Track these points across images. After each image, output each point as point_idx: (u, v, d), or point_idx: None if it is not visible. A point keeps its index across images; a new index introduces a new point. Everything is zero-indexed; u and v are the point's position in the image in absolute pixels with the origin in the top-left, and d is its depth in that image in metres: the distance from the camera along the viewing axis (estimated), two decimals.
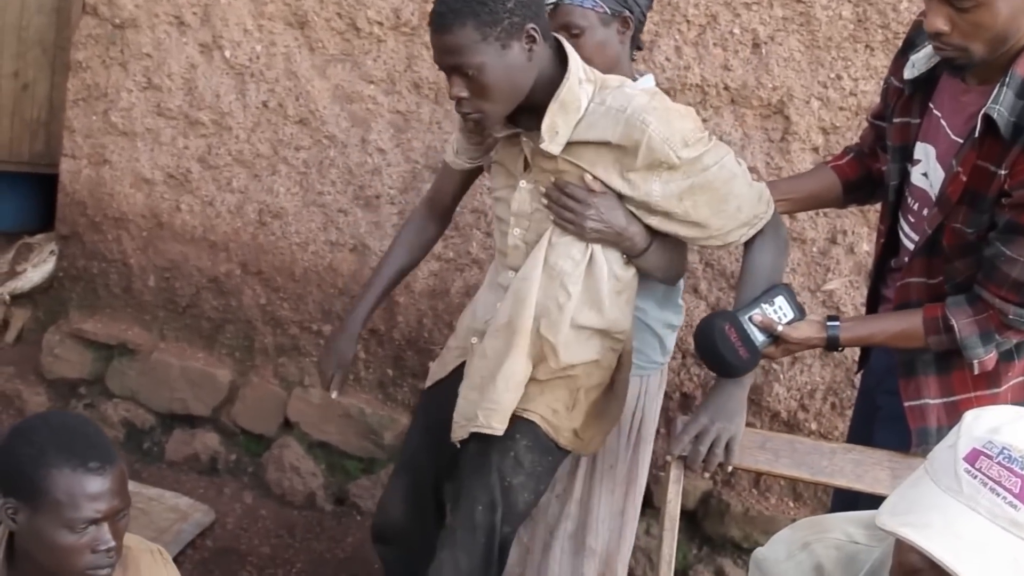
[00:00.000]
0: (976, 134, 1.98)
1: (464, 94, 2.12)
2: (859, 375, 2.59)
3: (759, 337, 2.18)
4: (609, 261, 2.27)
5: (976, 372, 2.13)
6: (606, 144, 2.17)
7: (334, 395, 2.54)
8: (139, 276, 3.77)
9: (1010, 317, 2.04)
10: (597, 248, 2.26)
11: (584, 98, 2.18)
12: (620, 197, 2.22)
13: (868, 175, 2.44)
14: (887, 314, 2.25)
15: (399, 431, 3.46)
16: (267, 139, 3.52)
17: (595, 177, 2.20)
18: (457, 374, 2.46)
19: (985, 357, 2.11)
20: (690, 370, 3.24)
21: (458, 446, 2.42)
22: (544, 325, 2.29)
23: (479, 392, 2.34)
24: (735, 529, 3.31)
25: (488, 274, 2.54)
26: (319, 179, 3.48)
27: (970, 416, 1.43)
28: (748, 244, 2.27)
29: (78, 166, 3.78)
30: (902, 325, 2.16)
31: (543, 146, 2.17)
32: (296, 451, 3.56)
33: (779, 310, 2.20)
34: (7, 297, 3.99)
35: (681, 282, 2.71)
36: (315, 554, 3.37)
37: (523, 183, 2.29)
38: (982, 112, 1.96)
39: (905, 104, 2.20)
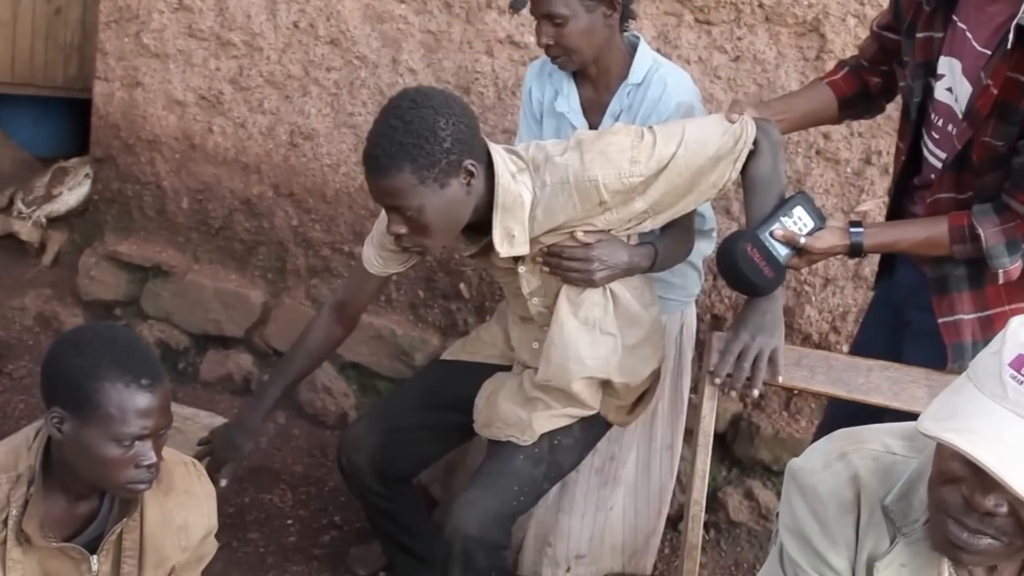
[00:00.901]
0: (1008, 45, 1.93)
1: (403, 231, 2.11)
2: (876, 289, 2.57)
3: (782, 252, 2.15)
4: (625, 283, 2.33)
5: (1001, 281, 2.12)
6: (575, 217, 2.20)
7: (223, 484, 2.42)
8: (172, 198, 3.79)
9: None
10: (613, 283, 2.30)
11: (525, 191, 2.16)
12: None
13: (864, 90, 2.40)
14: (911, 221, 2.23)
15: (430, 352, 3.48)
16: (298, 60, 3.50)
17: (585, 231, 2.21)
18: (485, 367, 2.54)
19: (1011, 267, 2.09)
20: (721, 292, 3.22)
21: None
22: (603, 371, 2.36)
23: (524, 411, 2.42)
24: (764, 451, 3.31)
25: (511, 309, 2.54)
26: (350, 100, 3.47)
27: (1016, 322, 1.41)
28: None
29: (111, 89, 3.79)
30: (927, 232, 2.14)
31: (503, 254, 2.19)
32: (328, 372, 3.58)
33: (799, 220, 2.17)
34: (43, 220, 4.03)
35: (711, 214, 2.69)
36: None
37: (522, 268, 2.31)
38: (1015, 22, 1.91)
39: (928, 19, 2.15)
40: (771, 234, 2.15)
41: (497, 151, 2.17)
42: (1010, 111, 1.98)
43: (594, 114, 2.54)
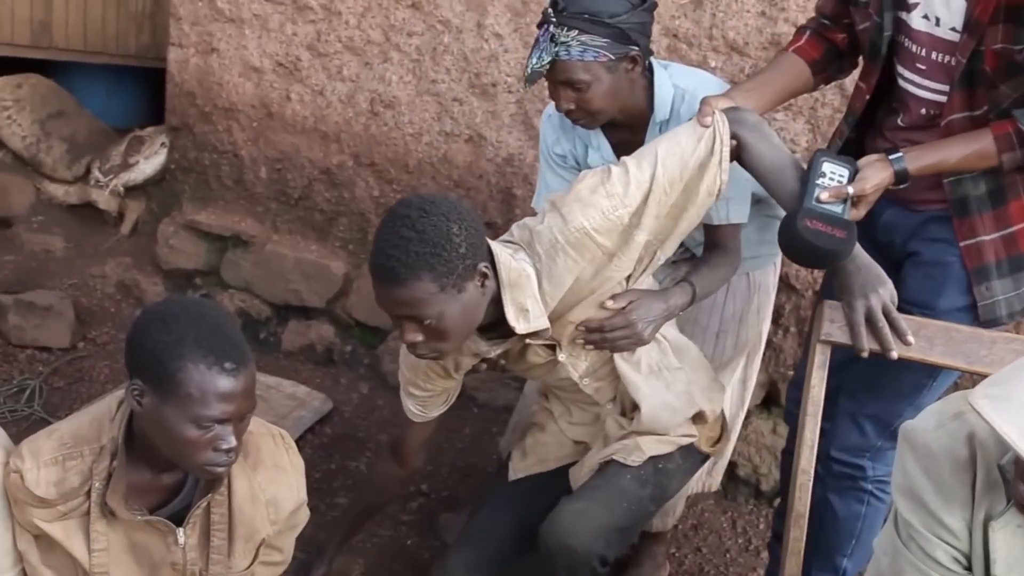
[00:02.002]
0: None
1: (419, 339, 2.06)
2: None
3: (837, 209, 2.11)
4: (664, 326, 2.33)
5: None
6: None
7: None
8: (250, 168, 3.77)
9: None
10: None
11: (526, 264, 2.14)
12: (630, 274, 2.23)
13: (832, 49, 2.37)
14: (950, 138, 2.17)
15: None
16: (378, 24, 3.44)
17: (612, 297, 2.20)
18: (558, 470, 2.50)
19: None
20: None
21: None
22: (692, 405, 2.37)
23: (628, 439, 2.38)
24: None
25: (569, 407, 2.50)
26: (433, 66, 3.41)
27: None
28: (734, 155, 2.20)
29: (186, 55, 3.76)
30: (973, 146, 2.11)
31: (520, 330, 2.14)
32: None
33: (834, 175, 2.13)
34: (121, 189, 4.03)
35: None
36: (432, 444, 3.34)
37: (561, 357, 2.28)
38: None
39: None
40: (818, 200, 2.10)
41: (492, 243, 2.17)
42: (1021, 11, 1.96)
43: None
